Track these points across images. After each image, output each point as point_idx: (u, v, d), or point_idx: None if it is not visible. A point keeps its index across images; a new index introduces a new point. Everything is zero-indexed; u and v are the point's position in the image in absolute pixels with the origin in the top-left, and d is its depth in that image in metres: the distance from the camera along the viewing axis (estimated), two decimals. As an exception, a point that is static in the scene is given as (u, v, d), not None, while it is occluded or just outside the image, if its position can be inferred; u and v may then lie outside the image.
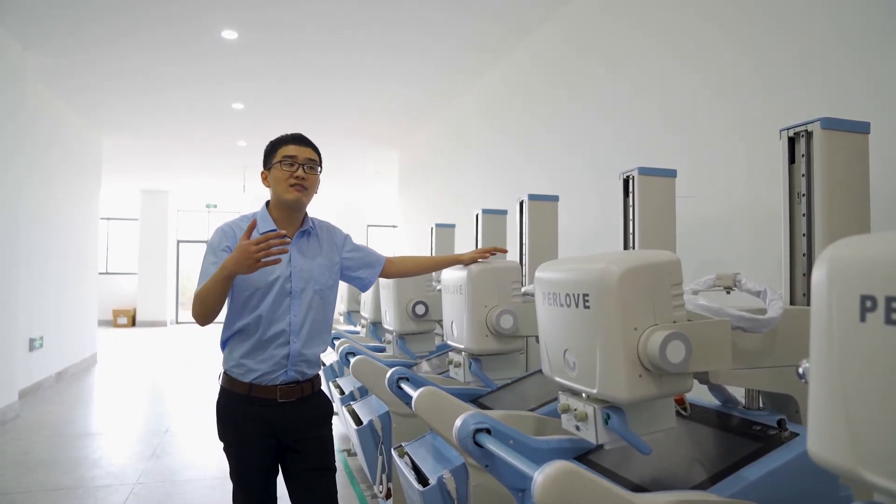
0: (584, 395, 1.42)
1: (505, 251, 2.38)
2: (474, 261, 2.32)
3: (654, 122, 3.39)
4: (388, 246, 14.86)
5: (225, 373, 1.97)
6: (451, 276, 2.37)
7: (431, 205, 7.87)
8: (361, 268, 2.17)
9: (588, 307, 1.32)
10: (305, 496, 1.99)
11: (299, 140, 2.01)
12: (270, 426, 1.93)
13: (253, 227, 1.77)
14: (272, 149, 2.01)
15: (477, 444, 1.54)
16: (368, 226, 15.93)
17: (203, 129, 8.47)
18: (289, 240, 1.75)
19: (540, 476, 1.15)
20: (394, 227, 12.66)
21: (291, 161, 1.95)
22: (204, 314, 1.82)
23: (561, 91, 4.48)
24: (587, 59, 4.12)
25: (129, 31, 5.04)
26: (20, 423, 5.16)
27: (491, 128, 5.92)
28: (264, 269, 1.83)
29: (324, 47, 5.39)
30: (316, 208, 2.20)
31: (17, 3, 4.56)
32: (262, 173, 2.03)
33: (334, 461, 2.07)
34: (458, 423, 1.58)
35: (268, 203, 2.06)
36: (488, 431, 1.55)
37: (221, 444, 2.00)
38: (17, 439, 4.70)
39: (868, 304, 0.74)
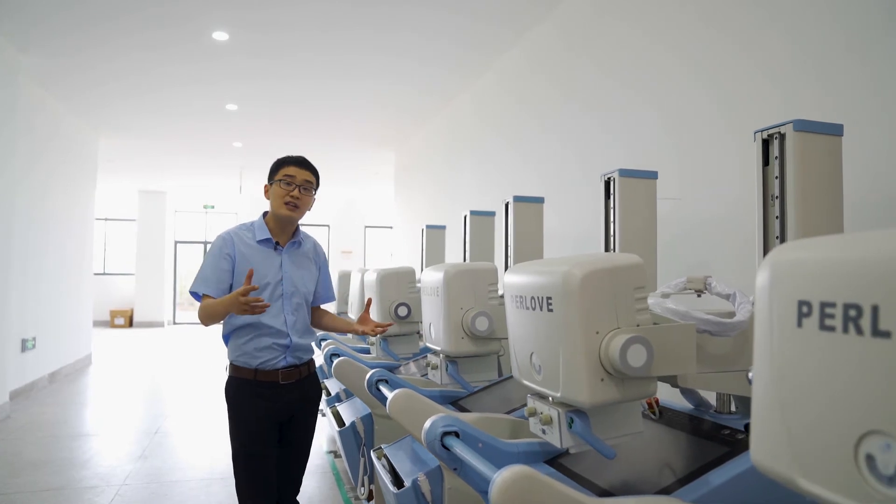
0: (549, 398, 1.41)
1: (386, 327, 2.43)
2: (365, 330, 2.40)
3: (649, 123, 3.36)
4: (386, 247, 14.85)
5: (231, 363, 2.23)
6: (430, 277, 2.37)
7: (427, 206, 7.85)
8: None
9: (551, 310, 1.32)
10: (283, 449, 2.28)
11: (300, 163, 2.26)
12: (273, 406, 2.19)
13: (250, 275, 2.02)
14: (276, 167, 2.26)
15: (445, 447, 1.53)
16: (366, 227, 15.88)
17: (199, 131, 8.48)
18: (267, 305, 2.04)
19: (497, 478, 1.15)
20: (390, 227, 12.65)
21: (289, 181, 2.21)
22: (209, 323, 2.14)
23: (557, 91, 4.46)
24: (583, 60, 4.09)
25: (123, 33, 5.04)
26: (11, 424, 5.15)
27: (487, 128, 5.91)
28: (259, 274, 2.17)
29: (316, 48, 5.39)
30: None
31: (12, 6, 4.57)
32: (265, 186, 2.30)
33: (314, 427, 2.43)
34: (426, 425, 1.57)
35: (265, 213, 2.32)
36: (457, 434, 1.55)
37: (228, 427, 2.21)
38: (8, 440, 4.70)
39: (804, 309, 0.73)
